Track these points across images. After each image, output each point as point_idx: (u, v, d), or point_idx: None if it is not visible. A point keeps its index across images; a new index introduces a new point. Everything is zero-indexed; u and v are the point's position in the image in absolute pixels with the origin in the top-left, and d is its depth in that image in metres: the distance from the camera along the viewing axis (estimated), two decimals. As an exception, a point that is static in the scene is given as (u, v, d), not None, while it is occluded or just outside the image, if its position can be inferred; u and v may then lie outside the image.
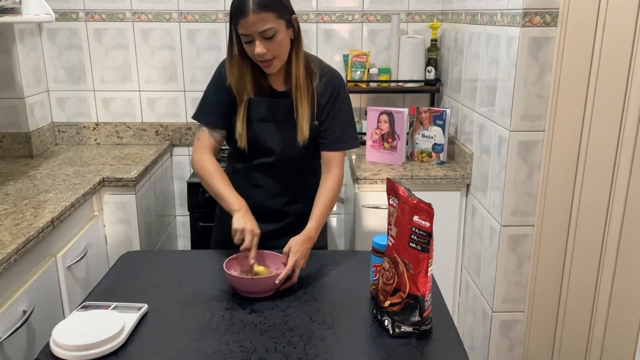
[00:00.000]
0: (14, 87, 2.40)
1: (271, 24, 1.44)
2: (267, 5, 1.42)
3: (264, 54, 1.46)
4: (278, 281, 1.36)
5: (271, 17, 1.43)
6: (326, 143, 1.64)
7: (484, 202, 2.08)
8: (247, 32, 1.44)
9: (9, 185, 2.02)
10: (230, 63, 1.57)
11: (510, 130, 1.81)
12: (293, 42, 1.54)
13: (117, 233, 2.24)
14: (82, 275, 1.93)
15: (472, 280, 2.23)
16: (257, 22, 1.42)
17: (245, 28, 1.44)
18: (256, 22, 1.42)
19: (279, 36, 1.47)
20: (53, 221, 1.70)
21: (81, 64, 2.66)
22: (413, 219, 1.16)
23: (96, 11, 2.60)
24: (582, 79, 1.71)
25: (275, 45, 1.47)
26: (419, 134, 2.44)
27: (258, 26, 1.43)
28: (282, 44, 1.49)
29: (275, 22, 1.44)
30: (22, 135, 2.45)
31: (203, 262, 1.59)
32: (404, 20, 2.66)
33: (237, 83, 1.57)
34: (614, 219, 1.77)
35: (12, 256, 1.44)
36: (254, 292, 1.36)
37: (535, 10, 1.70)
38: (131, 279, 1.48)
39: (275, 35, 1.45)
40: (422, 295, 1.18)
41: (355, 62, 2.61)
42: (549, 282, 1.90)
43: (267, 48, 1.46)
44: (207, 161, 1.61)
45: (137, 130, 2.75)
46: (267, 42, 1.46)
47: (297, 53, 1.55)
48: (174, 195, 2.85)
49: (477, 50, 2.13)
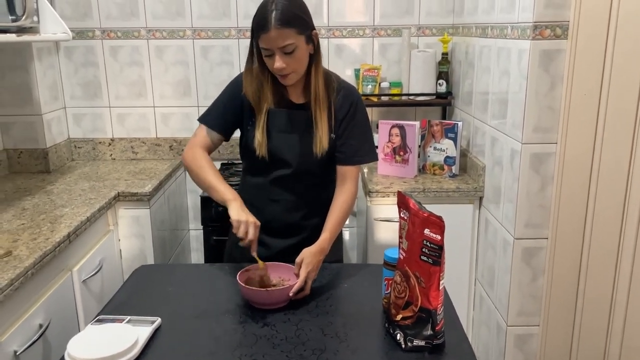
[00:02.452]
0: (31, 103, 2.45)
1: (292, 39, 1.46)
2: (289, 21, 1.45)
3: (283, 68, 1.49)
4: (292, 293, 1.37)
5: (292, 33, 1.46)
6: (342, 157, 1.65)
7: (497, 214, 2.07)
8: (267, 47, 1.47)
9: (26, 200, 2.06)
10: (250, 74, 1.59)
11: (523, 143, 1.81)
12: (312, 56, 1.56)
13: (132, 247, 2.26)
14: (97, 289, 1.95)
15: (486, 294, 2.21)
16: (278, 37, 1.45)
17: (266, 42, 1.47)
18: (277, 38, 1.45)
19: (299, 52, 1.49)
20: (69, 235, 1.72)
21: (97, 81, 2.71)
22: (424, 232, 1.16)
23: (112, 29, 2.65)
24: (593, 91, 1.70)
25: (295, 60, 1.50)
26: (431, 147, 2.44)
27: (279, 42, 1.45)
28: (301, 59, 1.52)
29: (295, 38, 1.47)
30: (40, 151, 2.49)
31: (216, 276, 1.60)
32: (414, 34, 2.68)
33: (256, 94, 1.59)
34: (629, 231, 1.75)
35: (29, 270, 1.47)
36: (268, 303, 1.37)
37: (546, 23, 1.70)
38: (145, 293, 1.49)
39: (295, 51, 1.48)
40: (434, 309, 1.18)
41: (367, 76, 2.63)
42: (564, 295, 1.88)
43: (286, 63, 1.49)
44: (198, 154, 1.62)
45: (151, 146, 2.79)
46: (287, 57, 1.48)
47: (316, 67, 1.58)
48: (187, 209, 2.88)
49: (487, 63, 2.14)
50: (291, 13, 1.46)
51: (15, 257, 1.51)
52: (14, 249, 1.57)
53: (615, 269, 1.81)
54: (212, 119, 1.67)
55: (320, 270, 1.53)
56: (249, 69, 1.59)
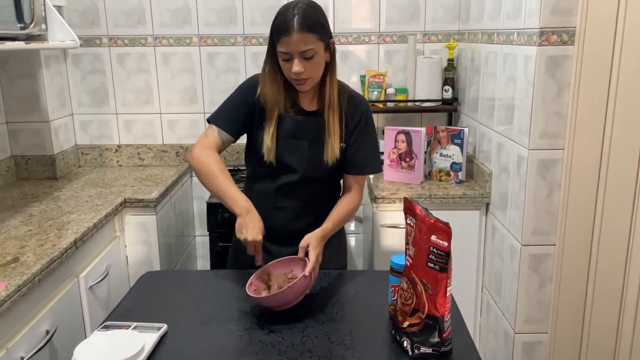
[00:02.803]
0: (39, 110, 2.47)
1: (312, 45, 1.47)
2: (311, 27, 1.47)
3: (301, 73, 1.49)
4: (307, 273, 1.36)
5: (313, 38, 1.47)
6: (352, 167, 1.66)
7: (504, 221, 2.06)
8: (287, 50, 1.48)
9: (33, 207, 2.07)
10: (267, 77, 1.59)
11: (529, 149, 1.80)
12: (328, 64, 1.58)
13: (138, 253, 2.27)
14: (104, 295, 1.95)
15: (494, 301, 2.20)
16: (300, 42, 1.46)
17: (287, 46, 1.47)
18: (299, 42, 1.46)
19: (317, 58, 1.50)
20: (76, 242, 1.73)
21: (104, 88, 2.73)
22: (431, 239, 1.16)
23: (119, 37, 2.67)
24: (601, 97, 1.70)
25: (313, 65, 1.51)
26: (437, 153, 2.44)
27: (300, 46, 1.46)
28: (318, 65, 1.53)
29: (315, 43, 1.48)
30: (47, 157, 2.51)
31: (222, 282, 1.60)
32: (420, 40, 2.68)
33: (271, 97, 1.59)
34: (637, 237, 1.74)
35: (36, 276, 1.47)
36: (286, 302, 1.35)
37: (552, 29, 1.70)
38: (151, 299, 1.49)
39: (314, 57, 1.49)
40: (442, 316, 1.17)
41: (372, 82, 2.63)
42: (572, 302, 1.87)
43: (305, 67, 1.49)
44: (209, 156, 1.57)
45: (157, 152, 2.80)
46: (305, 62, 1.49)
47: (331, 75, 1.59)
48: (193, 215, 2.88)
49: (493, 69, 2.13)
50: (313, 18, 1.48)
51: (23, 263, 1.52)
52: (21, 255, 1.58)
53: (623, 275, 1.79)
54: (224, 119, 1.65)
55: (325, 277, 1.52)
56: (265, 71, 1.59)
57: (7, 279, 1.41)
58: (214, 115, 1.68)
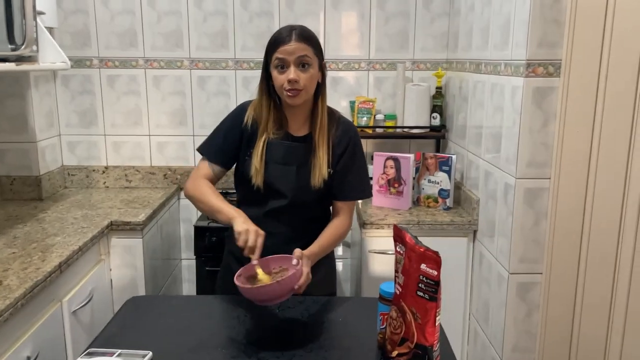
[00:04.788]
0: (27, 131, 2.45)
1: (309, 54, 1.54)
2: (308, 39, 1.55)
3: (296, 81, 1.52)
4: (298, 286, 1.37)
5: (310, 49, 1.54)
6: (340, 193, 1.67)
7: (491, 248, 2.07)
8: (284, 57, 1.52)
9: (17, 229, 2.04)
10: (259, 100, 1.63)
11: (517, 178, 1.83)
12: (319, 86, 1.61)
13: (123, 277, 2.23)
14: (87, 320, 1.92)
15: (481, 329, 2.20)
16: (298, 49, 1.52)
17: (285, 53, 1.52)
18: (297, 49, 1.52)
19: (312, 70, 1.55)
20: (60, 265, 1.70)
21: (93, 109, 2.72)
22: (420, 268, 1.16)
23: (110, 58, 2.68)
24: (586, 129, 1.73)
25: (307, 76, 1.54)
26: (425, 179, 2.45)
27: (297, 52, 1.52)
28: (312, 78, 1.57)
29: (312, 55, 1.55)
30: (33, 178, 2.48)
31: (209, 308, 1.58)
32: (409, 68, 2.72)
33: (260, 120, 1.62)
34: (623, 267, 1.76)
35: (19, 301, 1.44)
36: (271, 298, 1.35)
37: (538, 61, 1.74)
38: (136, 325, 1.47)
39: (309, 68, 1.54)
40: (431, 345, 1.17)
41: (362, 108, 2.66)
42: (559, 331, 1.87)
43: (299, 77, 1.53)
44: (200, 183, 1.65)
45: (145, 174, 2.78)
46: (301, 70, 1.53)
47: (322, 97, 1.64)
48: (180, 238, 2.85)
49: (481, 98, 2.17)
50: (310, 34, 1.57)
51: (5, 287, 1.49)
52: (4, 278, 1.55)
53: (610, 305, 1.80)
54: (213, 151, 1.69)
55: (314, 303, 1.51)
56: (260, 95, 1.63)
57: (-11, 303, 1.39)
58: (203, 146, 1.71)
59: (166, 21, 2.65)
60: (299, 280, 1.38)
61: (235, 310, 1.52)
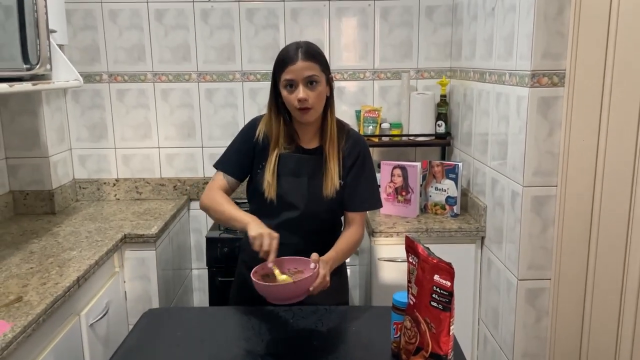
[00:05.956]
0: (39, 146, 2.49)
1: (316, 72, 1.57)
2: (315, 56, 1.58)
3: (306, 100, 1.56)
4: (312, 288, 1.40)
5: (317, 67, 1.58)
6: (351, 204, 1.71)
7: (500, 255, 2.10)
8: (293, 77, 1.56)
9: (33, 243, 2.07)
10: (269, 116, 1.68)
11: (524, 186, 1.85)
12: (328, 99, 1.65)
13: (136, 289, 2.27)
14: (103, 333, 1.95)
15: (491, 334, 2.22)
16: (305, 68, 1.55)
17: (292, 73, 1.56)
18: (304, 69, 1.55)
19: (320, 87, 1.59)
20: (79, 280, 1.74)
21: (103, 123, 2.76)
22: (434, 278, 1.19)
23: (119, 73, 2.72)
24: (591, 137, 1.76)
25: (316, 94, 1.58)
26: (432, 187, 2.48)
27: (305, 72, 1.55)
28: (321, 95, 1.60)
29: (319, 73, 1.58)
30: (45, 192, 2.52)
31: (225, 319, 1.61)
32: (413, 77, 2.76)
33: (272, 133, 1.67)
34: (632, 272, 1.78)
35: (40, 317, 1.48)
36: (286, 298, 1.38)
37: (543, 71, 1.77)
38: (154, 338, 1.50)
39: (317, 85, 1.58)
40: (445, 354, 1.20)
41: (368, 117, 2.70)
42: (569, 336, 1.89)
43: (308, 95, 1.57)
44: (215, 194, 1.69)
45: (155, 186, 2.82)
46: (309, 89, 1.57)
47: (331, 110, 1.68)
48: (190, 248, 2.89)
49: (486, 106, 2.20)
50: (316, 51, 1.61)
51: (26, 302, 1.52)
52: (24, 294, 1.58)
53: (619, 310, 1.82)
54: (227, 164, 1.74)
55: (327, 313, 1.54)
56: (270, 110, 1.68)
57: (12, 319, 1.42)
58: (218, 161, 1.77)
59: (173, 35, 2.69)
60: (315, 282, 1.42)
61: (250, 321, 1.55)
